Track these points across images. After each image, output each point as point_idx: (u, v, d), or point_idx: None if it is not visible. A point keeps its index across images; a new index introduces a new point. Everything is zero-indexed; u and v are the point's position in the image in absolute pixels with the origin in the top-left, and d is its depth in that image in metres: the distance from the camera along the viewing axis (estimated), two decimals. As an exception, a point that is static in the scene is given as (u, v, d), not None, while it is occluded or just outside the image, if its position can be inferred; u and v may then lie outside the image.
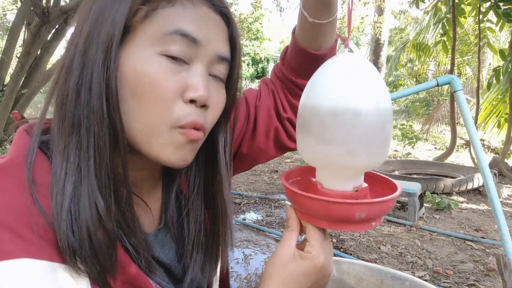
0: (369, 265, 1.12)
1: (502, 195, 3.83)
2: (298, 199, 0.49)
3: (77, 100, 0.42)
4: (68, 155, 0.42)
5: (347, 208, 0.45)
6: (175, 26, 0.43)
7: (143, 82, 0.43)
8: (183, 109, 0.45)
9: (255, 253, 2.60)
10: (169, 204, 0.57)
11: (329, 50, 0.65)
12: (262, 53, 18.61)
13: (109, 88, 0.42)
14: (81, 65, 0.43)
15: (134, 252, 0.46)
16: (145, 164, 0.51)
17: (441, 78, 1.34)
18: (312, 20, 0.60)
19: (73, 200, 0.40)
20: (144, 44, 0.43)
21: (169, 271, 0.55)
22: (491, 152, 6.73)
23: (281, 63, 0.71)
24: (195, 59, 0.46)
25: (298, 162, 5.66)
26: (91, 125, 0.42)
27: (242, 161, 0.73)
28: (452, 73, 5.01)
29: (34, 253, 0.38)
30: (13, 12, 6.92)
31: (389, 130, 0.46)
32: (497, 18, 4.00)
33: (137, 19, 0.43)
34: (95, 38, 0.42)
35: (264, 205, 3.63)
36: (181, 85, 0.44)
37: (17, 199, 0.39)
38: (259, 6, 9.73)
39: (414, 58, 8.93)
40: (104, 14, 0.43)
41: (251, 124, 0.70)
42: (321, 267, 0.49)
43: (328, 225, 0.48)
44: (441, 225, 3.09)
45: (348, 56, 0.47)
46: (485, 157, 1.26)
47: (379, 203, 0.46)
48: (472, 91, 7.82)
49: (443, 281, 2.20)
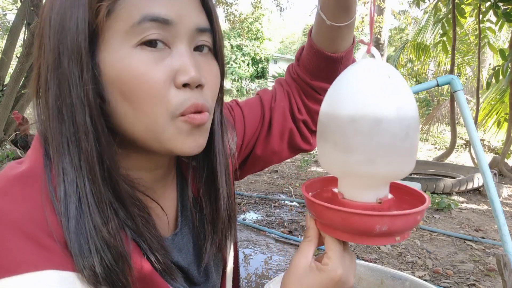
0: (369, 265, 1.12)
1: (502, 195, 3.83)
2: (316, 209, 0.47)
3: (61, 118, 0.41)
4: (64, 175, 0.40)
5: (366, 220, 0.42)
6: (141, 13, 0.40)
7: (129, 81, 0.41)
8: (178, 96, 0.42)
9: (255, 253, 2.60)
10: (186, 206, 0.56)
11: (346, 53, 0.64)
12: (262, 53, 18.61)
13: (89, 99, 0.40)
14: (56, 82, 0.41)
15: (155, 260, 0.46)
16: (157, 162, 0.50)
17: (441, 78, 1.34)
18: (330, 23, 0.58)
19: (78, 220, 0.39)
20: (118, 42, 0.41)
21: (186, 274, 0.55)
22: (491, 152, 6.73)
23: (296, 63, 0.69)
24: (175, 40, 0.43)
25: (298, 162, 5.66)
26: (78, 141, 0.40)
27: (255, 163, 0.72)
28: (452, 73, 5.01)
29: (58, 264, 0.38)
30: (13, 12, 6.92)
31: (413, 139, 0.43)
32: (497, 18, 4.00)
33: (101, 18, 0.40)
34: (64, 51, 0.40)
35: (264, 205, 3.63)
36: (169, 71, 0.42)
37: (38, 208, 0.39)
38: (259, 6, 9.73)
39: (414, 58, 8.93)
40: (65, 23, 0.40)
41: (266, 126, 0.70)
42: (339, 280, 0.46)
43: (348, 237, 0.45)
44: (441, 225, 3.09)
45: (369, 61, 0.45)
46: (485, 157, 1.26)
47: (402, 216, 0.43)
48: (472, 91, 7.83)
49: (443, 281, 2.20)
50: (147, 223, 0.46)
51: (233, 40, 18.02)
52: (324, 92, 0.68)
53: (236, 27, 10.60)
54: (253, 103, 0.71)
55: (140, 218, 0.45)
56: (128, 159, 0.47)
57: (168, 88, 0.42)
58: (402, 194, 0.52)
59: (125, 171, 0.45)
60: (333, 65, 0.64)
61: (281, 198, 3.79)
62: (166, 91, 0.42)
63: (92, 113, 0.41)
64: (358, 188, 0.47)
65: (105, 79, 0.41)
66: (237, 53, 18.15)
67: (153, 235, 0.46)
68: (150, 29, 0.41)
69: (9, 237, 0.37)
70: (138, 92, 0.41)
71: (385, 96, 0.42)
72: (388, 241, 0.44)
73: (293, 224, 3.10)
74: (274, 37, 19.56)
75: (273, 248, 2.68)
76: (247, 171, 0.74)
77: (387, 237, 0.44)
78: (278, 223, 3.14)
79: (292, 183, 4.40)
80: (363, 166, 0.43)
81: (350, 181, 0.47)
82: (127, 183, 0.44)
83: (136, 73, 0.40)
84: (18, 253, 0.37)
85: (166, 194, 0.55)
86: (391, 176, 0.45)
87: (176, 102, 0.42)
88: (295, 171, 5.11)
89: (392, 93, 0.43)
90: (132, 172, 0.46)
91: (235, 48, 18.24)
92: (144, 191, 0.47)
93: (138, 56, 0.41)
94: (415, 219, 0.44)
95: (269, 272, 2.36)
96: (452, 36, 4.69)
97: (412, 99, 0.44)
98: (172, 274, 0.48)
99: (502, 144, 6.05)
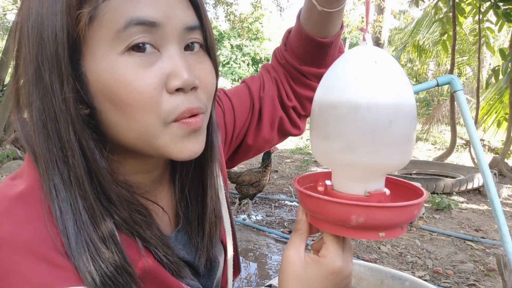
0: (369, 265, 1.12)
1: (502, 195, 3.83)
2: (300, 197, 0.46)
3: (46, 134, 0.39)
4: (57, 192, 0.39)
5: (340, 208, 0.41)
6: (126, 17, 0.38)
7: (118, 90, 0.39)
8: (170, 102, 0.40)
9: (255, 253, 2.59)
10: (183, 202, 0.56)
11: (335, 37, 0.64)
12: (262, 53, 18.59)
13: (71, 113, 0.38)
14: (39, 95, 0.38)
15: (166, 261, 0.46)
16: (154, 164, 0.50)
17: (441, 78, 1.34)
18: (322, 8, 0.58)
19: (77, 238, 0.39)
20: (103, 50, 0.38)
21: (192, 267, 0.55)
22: (491, 152, 6.73)
23: (283, 48, 0.69)
24: (163, 42, 0.40)
25: (298, 162, 5.66)
26: (66, 157, 0.39)
27: (247, 151, 0.73)
28: (452, 73, 5.01)
29: (74, 280, 0.37)
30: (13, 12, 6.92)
31: (401, 129, 0.41)
32: (497, 18, 4.00)
33: (82, 26, 0.37)
34: (44, 62, 0.38)
35: (264, 205, 3.63)
36: (159, 77, 0.40)
37: (44, 227, 0.38)
38: (259, 6, 9.73)
39: (414, 58, 8.93)
40: (43, 33, 0.38)
41: (256, 115, 0.69)
42: (338, 272, 0.45)
43: (331, 228, 0.44)
44: (441, 225, 3.09)
45: (360, 48, 0.43)
46: (485, 157, 1.26)
47: (380, 209, 0.40)
48: (472, 91, 7.82)
49: (443, 281, 2.20)
50: (150, 227, 0.45)
51: (233, 40, 18.01)
52: (313, 76, 0.69)
53: (236, 27, 10.60)
54: (241, 93, 0.70)
55: (143, 223, 0.44)
56: (125, 164, 0.46)
57: (160, 94, 0.40)
58: (405, 192, 0.50)
59: (123, 176, 0.44)
60: (323, 50, 0.64)
61: (281, 198, 3.78)
62: (158, 98, 0.40)
63: (76, 127, 0.39)
64: (346, 180, 0.45)
65: (93, 89, 0.40)
66: (237, 53, 18.13)
67: (158, 237, 0.46)
68: (136, 33, 0.38)
69: (21, 261, 0.36)
70: (128, 101, 0.39)
71: (364, 82, 0.40)
72: (370, 235, 0.42)
73: (293, 224, 3.10)
74: (274, 37, 19.52)
75: (273, 248, 2.68)
76: (238, 159, 0.74)
77: (369, 231, 0.42)
78: (278, 223, 3.14)
79: (292, 183, 4.40)
80: (343, 154, 0.42)
81: (338, 172, 0.46)
82: (126, 189, 0.44)
83: (125, 81, 0.38)
84: (33, 276, 0.36)
85: (164, 192, 0.55)
86: (376, 167, 0.43)
87: (168, 108, 0.40)
88: (295, 171, 5.11)
89: (374, 79, 0.41)
90: (130, 177, 0.46)
91: (235, 48, 18.23)
92: (144, 194, 0.47)
93: (126, 63, 0.38)
94: (398, 215, 0.41)
95: (269, 272, 2.36)
96: (452, 36, 4.69)
97: (404, 86, 0.41)
98: (181, 272, 0.48)
99: (502, 144, 6.05)
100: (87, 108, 0.40)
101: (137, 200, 0.45)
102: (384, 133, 0.40)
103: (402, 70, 0.43)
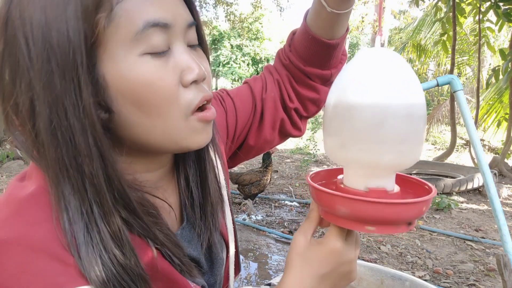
0: (369, 265, 1.12)
1: (502, 195, 3.83)
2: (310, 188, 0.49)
3: (55, 144, 0.38)
4: (66, 202, 0.38)
5: (328, 198, 0.45)
6: (143, 20, 0.39)
7: (142, 90, 0.40)
8: (187, 95, 0.43)
9: (255, 253, 2.60)
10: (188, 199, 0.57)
11: (341, 39, 0.65)
12: (262, 53, 18.60)
13: (91, 118, 0.38)
14: (47, 105, 0.37)
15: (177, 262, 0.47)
16: (162, 162, 0.51)
17: (441, 78, 1.34)
18: (331, 10, 0.58)
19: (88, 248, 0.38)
20: (123, 51, 0.39)
21: (197, 264, 0.55)
22: (491, 152, 6.73)
23: (288, 49, 0.69)
24: (172, 40, 0.43)
25: (298, 162, 5.66)
26: (80, 166, 0.38)
27: (248, 152, 0.73)
28: (452, 73, 5.01)
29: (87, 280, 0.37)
30: None
31: (396, 129, 0.42)
32: (497, 18, 4.00)
33: (101, 29, 0.37)
34: (54, 70, 0.36)
35: (264, 205, 3.63)
36: (177, 73, 0.42)
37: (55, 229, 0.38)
38: (259, 6, 9.74)
39: (414, 58, 8.93)
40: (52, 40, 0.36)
41: (258, 117, 0.70)
42: (339, 253, 0.47)
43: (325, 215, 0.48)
44: (441, 225, 3.09)
45: (365, 51, 0.46)
46: (485, 157, 1.25)
47: (362, 203, 0.42)
48: (472, 91, 7.83)
49: (443, 281, 2.20)
50: (161, 228, 0.46)
51: (233, 40, 18.01)
52: (316, 77, 0.70)
53: (236, 27, 10.61)
54: (244, 94, 0.71)
55: (154, 224, 0.45)
56: (135, 164, 0.47)
57: (178, 89, 0.43)
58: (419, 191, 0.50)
59: (132, 176, 0.45)
60: (329, 51, 0.65)
61: (281, 198, 3.78)
62: (178, 93, 0.42)
63: (96, 133, 0.38)
64: (351, 175, 0.49)
65: (113, 92, 0.40)
66: (237, 53, 18.14)
67: (169, 237, 0.47)
68: (153, 34, 0.40)
69: (34, 260, 0.36)
70: (154, 99, 0.41)
71: (361, 82, 0.43)
72: (357, 227, 0.44)
73: (293, 224, 3.10)
74: (274, 37, 19.54)
75: (273, 248, 2.68)
76: (239, 159, 0.75)
77: (355, 222, 0.44)
78: (278, 223, 3.14)
79: (292, 183, 4.39)
80: (337, 150, 0.46)
81: (344, 168, 0.50)
82: (136, 189, 0.44)
83: (148, 81, 0.40)
84: (46, 275, 0.36)
85: (170, 189, 0.55)
86: (371, 165, 0.44)
87: (186, 101, 0.43)
88: (295, 171, 5.11)
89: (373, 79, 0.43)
90: (138, 176, 0.46)
91: (235, 48, 18.23)
92: (152, 192, 0.47)
93: (148, 63, 0.40)
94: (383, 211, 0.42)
95: (269, 272, 2.36)
96: (452, 36, 4.69)
97: (407, 88, 0.42)
98: (192, 272, 0.49)
99: (502, 144, 6.05)
100: (105, 112, 0.40)
101: (147, 200, 0.45)
102: (376, 132, 0.42)
103: (410, 71, 0.44)
